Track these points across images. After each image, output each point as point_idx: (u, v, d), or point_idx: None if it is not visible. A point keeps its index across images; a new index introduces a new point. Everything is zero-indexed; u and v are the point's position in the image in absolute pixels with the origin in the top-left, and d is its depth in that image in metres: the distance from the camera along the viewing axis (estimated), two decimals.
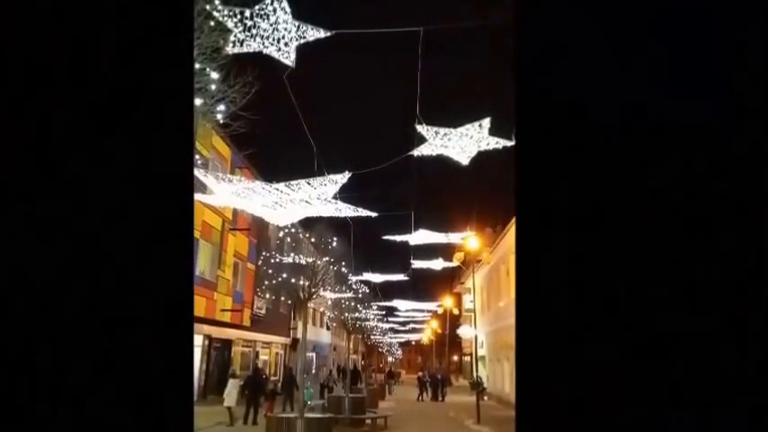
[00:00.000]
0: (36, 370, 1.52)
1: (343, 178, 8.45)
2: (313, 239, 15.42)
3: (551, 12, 1.62)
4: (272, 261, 14.14)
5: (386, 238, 18.32)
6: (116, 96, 1.60)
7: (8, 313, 1.52)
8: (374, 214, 11.01)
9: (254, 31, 6.19)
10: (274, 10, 6.07)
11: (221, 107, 7.10)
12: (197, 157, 13.43)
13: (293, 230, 14.56)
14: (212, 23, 6.24)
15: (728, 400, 1.49)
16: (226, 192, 8.88)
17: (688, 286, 1.51)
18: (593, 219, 1.55)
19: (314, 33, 6.36)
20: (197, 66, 6.39)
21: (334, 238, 15.02)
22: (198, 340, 22.65)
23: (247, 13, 6.08)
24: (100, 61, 1.60)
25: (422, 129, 8.33)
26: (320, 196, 8.96)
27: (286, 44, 6.35)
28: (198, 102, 6.63)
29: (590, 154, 1.57)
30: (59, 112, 1.58)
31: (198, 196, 10.78)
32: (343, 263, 16.37)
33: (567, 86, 1.58)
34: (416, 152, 8.91)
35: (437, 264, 23.86)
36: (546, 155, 1.58)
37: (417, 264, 23.27)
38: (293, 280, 13.45)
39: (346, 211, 10.23)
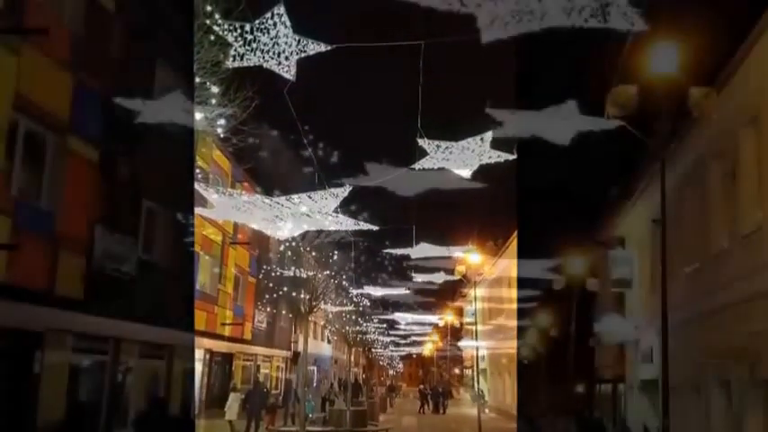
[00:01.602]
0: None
1: (343, 192, 8.43)
2: (314, 253, 15.38)
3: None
4: (273, 274, 14.12)
5: (387, 251, 18.23)
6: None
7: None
8: (375, 228, 10.97)
9: (254, 46, 6.18)
10: (275, 24, 6.07)
11: (222, 121, 7.09)
12: (197, 171, 13.43)
13: (294, 244, 14.52)
14: (212, 38, 6.24)
15: None
16: (226, 205, 8.87)
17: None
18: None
19: (314, 47, 6.35)
20: (197, 80, 6.39)
21: (335, 252, 14.98)
22: (199, 354, 22.53)
23: (248, 27, 6.09)
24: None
25: (423, 143, 8.29)
26: (321, 210, 8.94)
27: (286, 58, 6.35)
28: (198, 116, 6.62)
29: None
30: None
31: (198, 210, 10.76)
32: (344, 276, 16.33)
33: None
34: (418, 165, 8.87)
35: (438, 277, 23.74)
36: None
37: (418, 277, 23.16)
38: (294, 293, 13.42)
39: (347, 224, 10.20)
